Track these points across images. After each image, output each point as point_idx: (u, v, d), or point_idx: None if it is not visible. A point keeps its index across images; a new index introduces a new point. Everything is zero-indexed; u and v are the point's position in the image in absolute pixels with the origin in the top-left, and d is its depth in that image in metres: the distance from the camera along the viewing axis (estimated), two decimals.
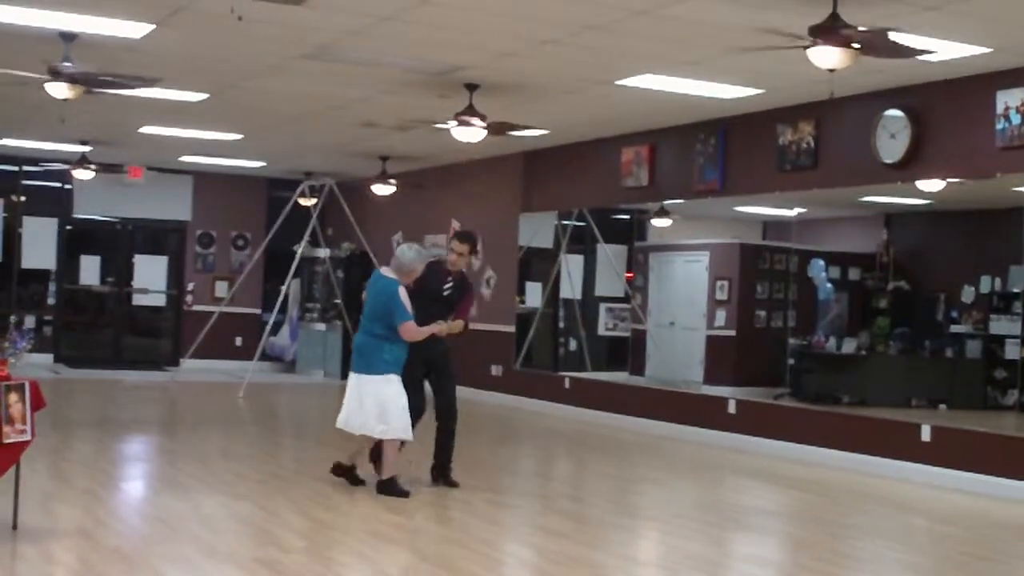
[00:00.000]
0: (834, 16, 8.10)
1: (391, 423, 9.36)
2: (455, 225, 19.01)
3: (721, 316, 16.61)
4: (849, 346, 15.20)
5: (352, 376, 9.59)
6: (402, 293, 9.36)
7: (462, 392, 17.60)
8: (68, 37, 10.56)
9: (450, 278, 9.99)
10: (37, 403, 7.46)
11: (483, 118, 12.09)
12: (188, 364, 20.96)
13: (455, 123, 12.17)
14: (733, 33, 9.42)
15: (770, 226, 17.54)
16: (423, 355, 9.72)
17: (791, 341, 15.75)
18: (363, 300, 9.75)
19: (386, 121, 14.58)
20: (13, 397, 7.25)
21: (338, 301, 20.63)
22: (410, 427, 9.54)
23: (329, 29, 10.14)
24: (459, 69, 11.49)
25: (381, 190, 18.56)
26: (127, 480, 10.70)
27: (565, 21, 9.53)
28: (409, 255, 9.56)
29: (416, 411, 9.76)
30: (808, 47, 8.26)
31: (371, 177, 18.73)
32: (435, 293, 9.84)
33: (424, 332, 9.49)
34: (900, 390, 14.48)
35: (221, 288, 22.04)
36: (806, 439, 12.53)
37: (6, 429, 7.19)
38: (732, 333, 16.44)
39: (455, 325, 9.83)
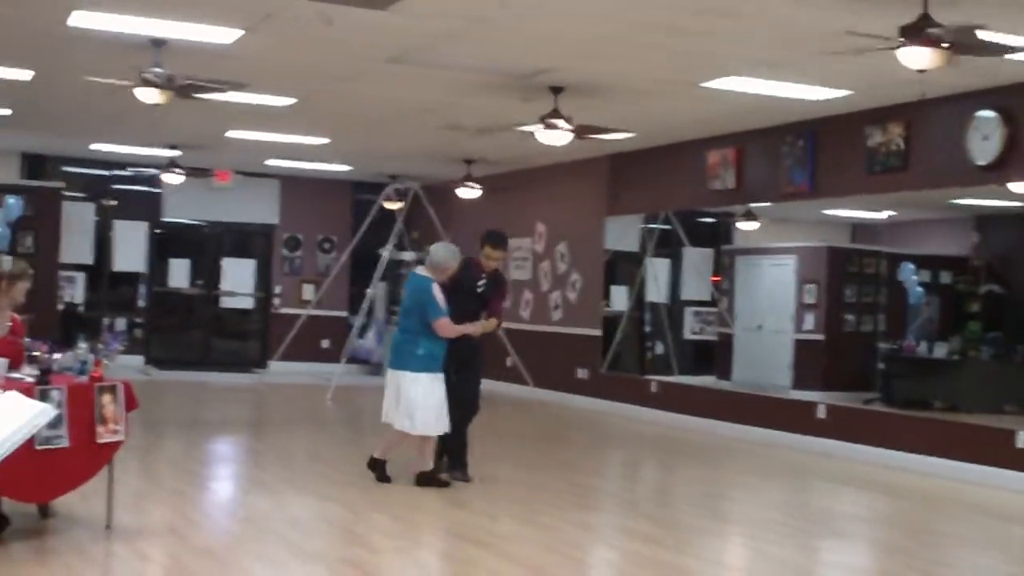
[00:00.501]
0: (925, 16, 7.98)
1: (416, 420, 9.58)
2: (539, 229, 19.02)
3: (809, 320, 16.47)
4: (940, 351, 15.02)
5: (388, 372, 9.87)
6: (436, 290, 9.59)
7: (549, 395, 17.89)
8: (159, 43, 10.68)
9: (484, 275, 10.18)
10: (130, 404, 7.56)
11: (568, 121, 12.06)
12: (275, 366, 21.14)
13: (540, 126, 12.16)
14: (821, 34, 9.31)
15: (859, 229, 17.39)
16: (458, 351, 9.89)
17: (881, 345, 15.62)
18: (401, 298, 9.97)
19: (471, 124, 14.61)
20: (107, 398, 7.36)
21: None
22: (436, 424, 9.65)
23: (414, 33, 10.16)
24: (544, 72, 11.47)
25: (466, 193, 18.58)
26: (216, 480, 10.81)
27: (651, 23, 9.48)
28: (443, 253, 9.81)
29: (465, 406, 10.01)
30: (898, 47, 8.15)
31: (456, 180, 18.76)
32: (469, 289, 10.04)
33: (459, 330, 9.73)
34: (993, 395, 14.24)
35: (308, 291, 22.19)
36: (897, 445, 12.36)
37: (100, 429, 7.30)
38: (821, 337, 16.29)
39: (488, 324, 10.09)
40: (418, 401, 9.57)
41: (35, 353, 7.28)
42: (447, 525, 8.70)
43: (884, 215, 16.28)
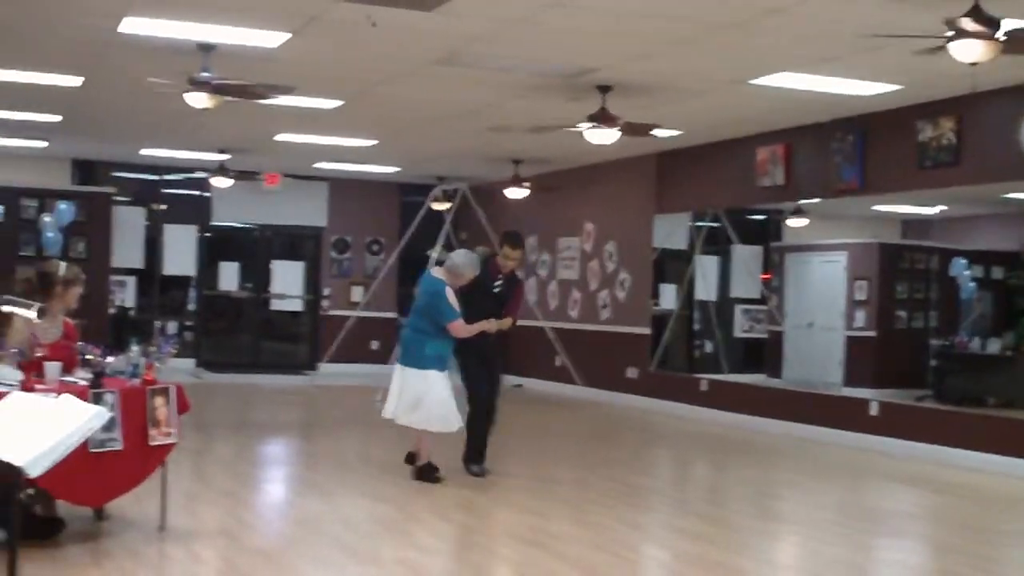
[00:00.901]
0: (976, 8, 7.91)
1: (421, 415, 9.89)
2: (588, 228, 18.99)
3: (860, 317, 16.37)
4: (994, 346, 14.88)
5: (396, 368, 10.14)
6: (449, 294, 9.91)
7: (597, 395, 17.89)
8: (206, 48, 10.74)
9: (500, 276, 10.49)
10: (182, 406, 7.60)
11: (616, 120, 12.03)
12: (325, 368, 21.20)
13: (588, 125, 12.14)
14: (870, 28, 9.24)
15: (910, 224, 17.26)
16: (476, 348, 10.24)
17: (933, 342, 15.50)
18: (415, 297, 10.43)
19: (518, 125, 14.59)
20: (159, 400, 7.39)
21: None
22: (440, 420, 9.96)
23: (461, 34, 10.16)
24: (591, 71, 11.44)
25: (514, 194, 18.57)
26: (268, 482, 10.85)
27: (699, 20, 9.44)
28: (463, 261, 10.12)
29: (484, 400, 10.39)
30: (949, 41, 8.07)
31: (504, 180, 18.76)
32: (486, 290, 10.35)
33: (472, 329, 10.03)
34: None
35: (357, 293, 22.28)
36: (950, 441, 12.26)
37: (152, 432, 7.34)
38: (872, 334, 16.20)
39: (504, 322, 10.32)
40: (422, 397, 9.89)
41: (88, 356, 7.32)
42: (499, 525, 8.69)
43: (936, 210, 16.15)
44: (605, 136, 12.16)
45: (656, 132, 13.10)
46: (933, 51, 8.34)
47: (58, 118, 15.86)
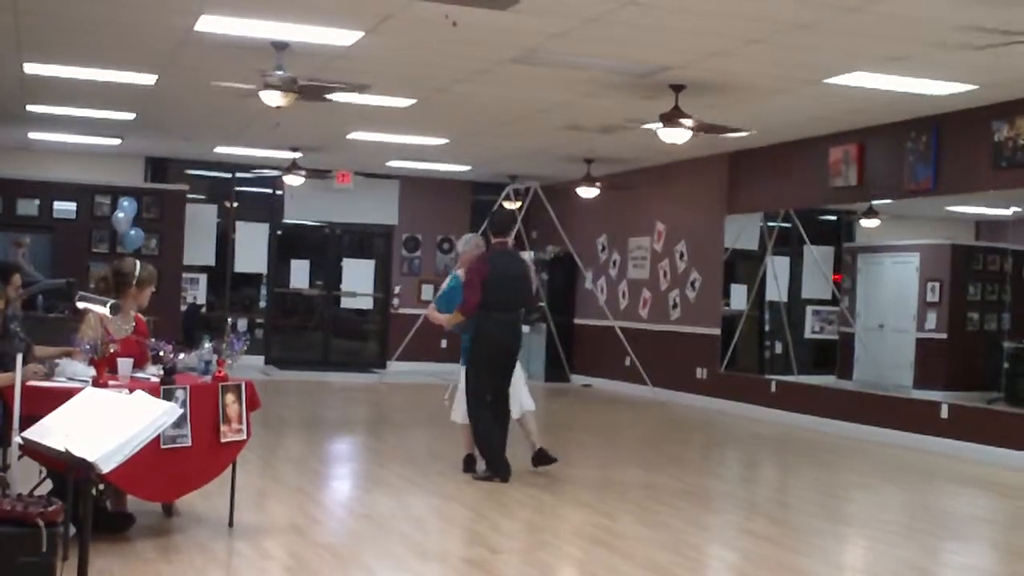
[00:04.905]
0: None
1: (460, 408, 10.26)
2: (659, 228, 18.94)
3: (932, 318, 16.20)
4: None
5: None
6: (447, 283, 10.67)
7: (668, 395, 17.77)
8: (280, 46, 10.81)
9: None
10: (253, 403, 7.64)
11: (689, 119, 11.98)
12: (394, 366, 21.29)
13: (661, 124, 12.09)
14: (946, 28, 9.16)
15: (984, 226, 17.05)
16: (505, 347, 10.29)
17: (1006, 344, 15.29)
18: None
19: (591, 124, 14.58)
20: (230, 397, 7.44)
21: (542, 303, 20.65)
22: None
23: (536, 32, 10.17)
24: (665, 70, 11.41)
25: (586, 192, 18.55)
26: (337, 479, 10.91)
27: (773, 19, 9.39)
28: (461, 239, 10.81)
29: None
30: None
31: (576, 179, 18.74)
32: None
33: (437, 317, 10.40)
34: None
35: (427, 291, 22.31)
36: (1022, 445, 12.11)
37: (223, 428, 7.38)
38: (943, 336, 16.03)
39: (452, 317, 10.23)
40: (462, 390, 10.26)
41: (160, 353, 7.39)
42: (567, 525, 8.69)
43: (1010, 211, 15.94)
44: (678, 135, 12.11)
45: (729, 132, 13.04)
46: (1007, 45, 8.24)
47: (131, 116, 16.03)
